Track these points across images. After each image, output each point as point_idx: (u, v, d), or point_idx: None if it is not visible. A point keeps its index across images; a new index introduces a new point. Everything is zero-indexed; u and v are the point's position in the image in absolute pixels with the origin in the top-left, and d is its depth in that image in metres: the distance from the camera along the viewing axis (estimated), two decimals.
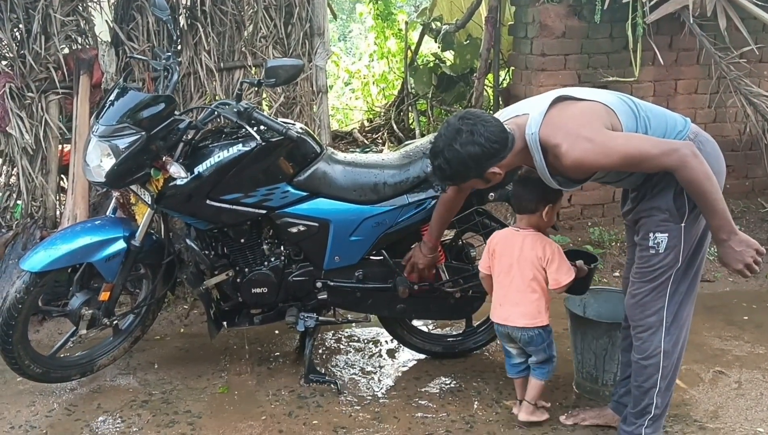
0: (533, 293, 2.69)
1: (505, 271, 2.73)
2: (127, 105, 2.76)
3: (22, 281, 2.82)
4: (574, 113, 2.31)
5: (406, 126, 6.72)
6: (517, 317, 2.70)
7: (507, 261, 2.72)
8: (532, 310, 2.69)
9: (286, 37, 4.26)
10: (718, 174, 2.32)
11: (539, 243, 2.69)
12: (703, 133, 2.41)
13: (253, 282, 3.04)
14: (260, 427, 2.83)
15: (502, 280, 2.74)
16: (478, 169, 2.35)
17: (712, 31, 4.41)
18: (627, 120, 2.32)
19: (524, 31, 4.62)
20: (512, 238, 2.73)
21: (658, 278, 2.41)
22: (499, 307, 2.75)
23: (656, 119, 2.36)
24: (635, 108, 2.37)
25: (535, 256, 2.67)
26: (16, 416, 2.91)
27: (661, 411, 2.51)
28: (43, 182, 3.92)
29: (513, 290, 2.71)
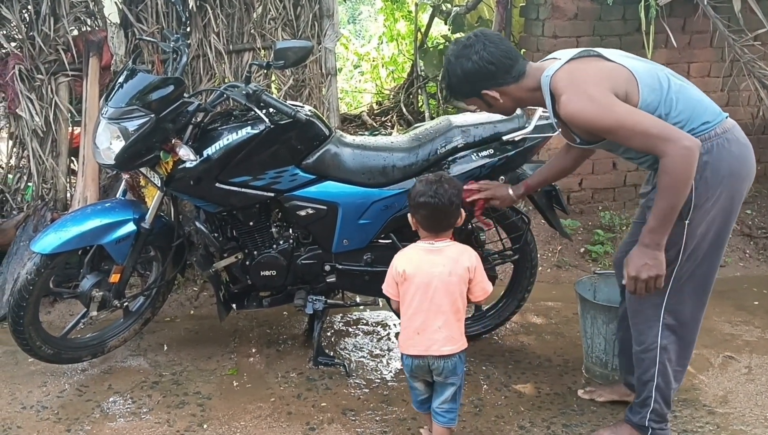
0: (458, 313, 2.36)
1: (422, 293, 2.33)
2: (136, 87, 2.75)
3: (33, 263, 2.84)
4: (591, 70, 2.27)
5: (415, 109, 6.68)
6: (442, 344, 2.33)
7: (423, 281, 2.33)
8: (456, 334, 2.36)
9: (296, 19, 4.23)
10: (738, 176, 2.27)
11: (465, 253, 2.38)
12: (736, 133, 2.31)
13: (262, 265, 3.05)
14: (269, 408, 2.85)
15: (419, 304, 2.33)
16: (473, 87, 2.36)
17: (726, 13, 4.35)
18: (648, 93, 2.25)
19: (536, 12, 4.57)
20: (429, 256, 2.36)
21: None
22: (416, 335, 2.35)
23: (685, 102, 2.27)
24: (665, 85, 2.28)
25: (463, 269, 2.34)
26: (27, 397, 2.94)
27: (661, 406, 2.47)
28: (53, 164, 3.93)
29: (435, 313, 2.33)
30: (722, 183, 2.27)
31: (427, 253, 2.37)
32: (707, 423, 2.74)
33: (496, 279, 3.28)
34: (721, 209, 2.30)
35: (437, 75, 6.40)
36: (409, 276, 2.35)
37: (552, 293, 3.98)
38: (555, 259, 4.32)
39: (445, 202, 2.34)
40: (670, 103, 2.27)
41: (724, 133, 2.28)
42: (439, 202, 2.33)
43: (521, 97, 2.40)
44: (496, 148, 3.00)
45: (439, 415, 2.42)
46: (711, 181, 2.25)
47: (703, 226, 2.29)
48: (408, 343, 2.39)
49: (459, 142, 2.98)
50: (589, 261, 4.34)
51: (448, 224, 2.39)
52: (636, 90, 2.24)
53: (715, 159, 2.26)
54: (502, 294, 3.43)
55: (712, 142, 2.26)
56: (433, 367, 2.36)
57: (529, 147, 3.04)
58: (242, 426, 2.73)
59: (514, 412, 2.82)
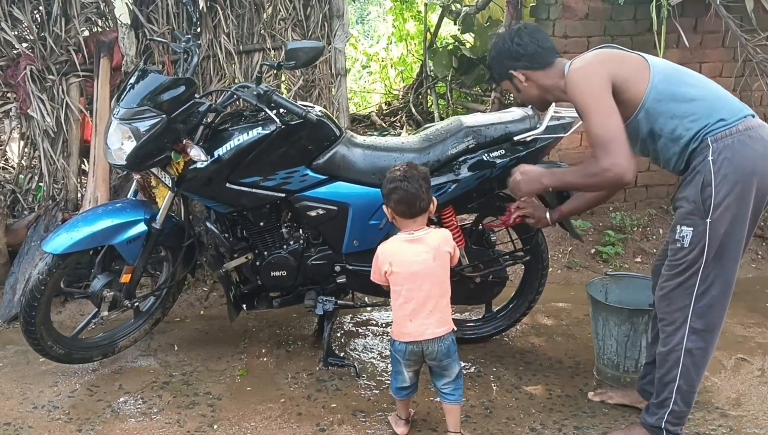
0: (446, 295, 2.48)
1: (410, 281, 2.44)
2: (147, 88, 2.76)
3: (44, 263, 2.84)
4: (604, 53, 2.40)
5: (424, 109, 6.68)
6: (435, 326, 2.44)
7: (410, 271, 2.44)
8: (447, 315, 2.48)
9: (305, 20, 4.24)
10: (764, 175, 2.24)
11: (441, 235, 2.50)
12: (761, 132, 2.27)
13: (272, 265, 3.04)
14: (279, 409, 2.85)
15: (408, 293, 2.44)
16: (502, 66, 2.53)
17: (738, 12, 4.32)
18: (660, 81, 2.31)
19: (546, 12, 4.55)
20: (411, 246, 2.46)
21: (684, 273, 2.34)
22: (410, 323, 2.45)
23: (702, 99, 2.30)
24: (684, 80, 2.34)
25: (444, 252, 2.47)
26: (39, 396, 2.95)
27: (681, 408, 2.44)
28: (64, 165, 3.95)
29: (425, 299, 2.44)
30: (744, 180, 2.24)
31: (409, 244, 2.48)
32: (720, 426, 2.72)
33: (507, 280, 3.27)
34: (746, 207, 2.27)
35: (446, 75, 6.40)
36: (395, 269, 2.46)
37: (562, 294, 3.96)
38: (565, 260, 4.30)
39: (414, 185, 2.46)
40: (685, 97, 2.30)
41: (746, 130, 2.26)
42: (409, 185, 2.45)
43: (546, 85, 2.50)
44: (507, 148, 2.98)
45: (447, 394, 2.52)
46: (731, 177, 2.24)
47: (727, 225, 2.26)
48: (401, 330, 2.49)
49: (470, 143, 2.97)
50: (599, 262, 4.32)
51: (422, 208, 2.48)
52: (646, 76, 2.32)
53: (735, 156, 2.24)
54: (513, 295, 3.41)
55: (732, 139, 2.25)
56: (427, 351, 2.46)
57: (540, 148, 3.02)
58: (252, 427, 2.73)
59: (525, 414, 2.81)
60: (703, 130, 2.28)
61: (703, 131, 2.28)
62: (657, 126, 2.35)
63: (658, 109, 2.33)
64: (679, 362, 2.40)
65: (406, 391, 2.60)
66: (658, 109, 2.33)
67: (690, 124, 2.30)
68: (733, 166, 2.23)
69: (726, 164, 2.23)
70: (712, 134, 2.26)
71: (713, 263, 2.30)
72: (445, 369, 2.51)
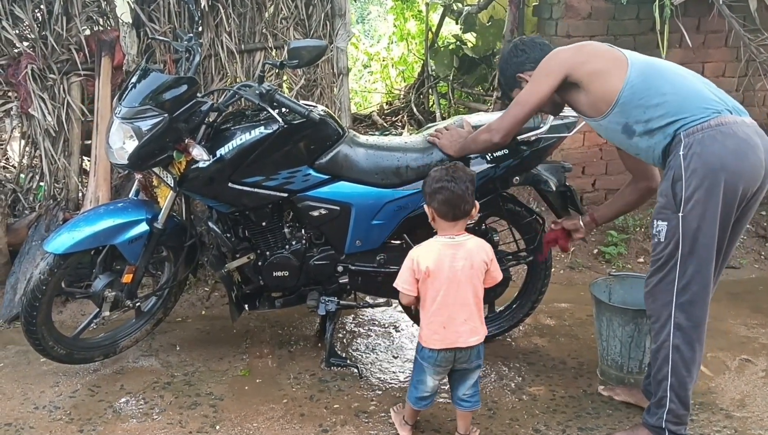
0: (479, 303, 2.44)
1: (446, 287, 2.38)
2: (149, 87, 2.74)
3: (45, 263, 2.83)
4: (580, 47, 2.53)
5: (426, 109, 6.66)
6: (468, 335, 2.41)
7: (446, 276, 2.38)
8: (479, 324, 2.44)
9: (307, 19, 4.22)
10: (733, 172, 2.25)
11: (482, 245, 2.45)
12: (736, 129, 2.29)
13: (275, 265, 3.03)
14: (282, 410, 2.84)
15: (444, 298, 2.39)
16: (509, 71, 2.69)
17: (741, 12, 4.31)
18: (636, 77, 2.36)
19: (549, 11, 4.54)
20: (450, 250, 2.40)
21: (663, 268, 2.38)
22: (443, 329, 2.40)
23: (675, 96, 2.33)
24: (664, 77, 2.38)
25: (481, 261, 2.41)
26: (40, 397, 2.94)
27: (677, 407, 2.43)
28: (65, 164, 3.93)
29: (460, 307, 2.39)
30: (713, 176, 2.26)
31: (449, 248, 2.40)
32: (725, 427, 2.71)
33: (510, 280, 3.26)
34: (714, 204, 2.28)
35: (448, 75, 6.39)
36: (433, 272, 2.38)
37: (565, 295, 3.94)
38: (568, 261, 4.29)
39: (461, 186, 2.39)
40: (659, 91, 2.34)
41: (718, 126, 2.29)
42: (456, 186, 2.39)
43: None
44: (511, 148, 2.96)
45: (465, 401, 2.51)
46: (699, 172, 2.26)
47: (698, 219, 2.29)
48: (434, 337, 2.42)
49: None
50: (602, 262, 4.30)
51: (465, 211, 2.41)
52: (623, 73, 2.38)
53: (704, 151, 2.26)
54: (516, 295, 3.40)
55: (703, 134, 2.28)
56: (459, 355, 2.44)
57: (543, 147, 3.01)
58: (255, 427, 2.72)
59: (528, 415, 2.79)
60: (675, 125, 2.33)
61: (675, 126, 2.33)
62: (631, 119, 2.40)
63: (632, 103, 2.38)
64: (668, 359, 2.41)
65: (426, 401, 2.55)
66: (632, 103, 2.38)
67: (662, 119, 2.34)
68: (702, 161, 2.26)
69: (695, 159, 2.26)
70: (684, 129, 2.31)
71: (689, 257, 2.32)
72: (473, 371, 2.49)
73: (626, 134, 2.44)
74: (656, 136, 2.37)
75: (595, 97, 2.44)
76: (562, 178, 3.12)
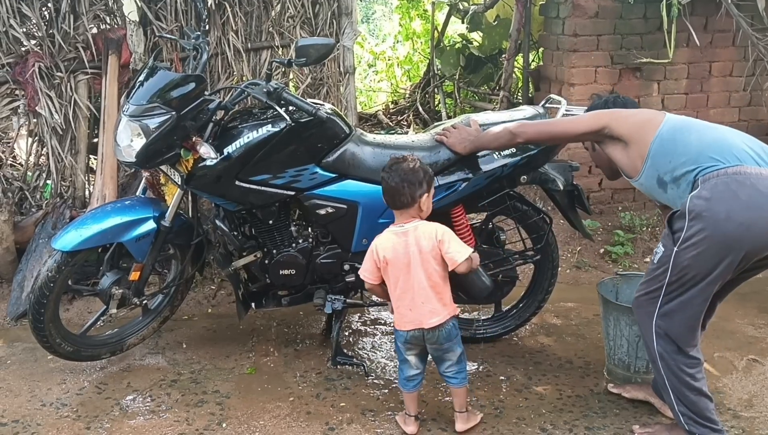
0: (436, 286, 2.54)
1: (405, 273, 2.53)
2: (157, 85, 2.75)
3: (53, 260, 2.84)
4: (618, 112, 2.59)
5: (431, 108, 6.65)
6: (428, 317, 2.53)
7: (403, 263, 2.53)
8: (438, 305, 2.54)
9: (314, 17, 4.21)
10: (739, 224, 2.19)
11: (428, 229, 2.55)
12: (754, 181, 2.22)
13: (281, 263, 3.03)
14: (288, 408, 2.84)
15: (404, 284, 2.54)
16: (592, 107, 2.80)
17: (749, 11, 4.30)
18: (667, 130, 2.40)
19: (556, 10, 4.53)
20: (400, 238, 2.54)
21: (651, 284, 2.40)
22: (409, 312, 2.54)
23: (697, 144, 2.34)
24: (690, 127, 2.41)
25: (430, 245, 2.52)
26: (47, 394, 2.94)
27: (686, 410, 2.41)
28: (72, 162, 3.94)
29: (417, 290, 2.52)
30: (715, 225, 2.22)
31: (399, 236, 2.56)
32: (732, 427, 2.70)
33: (517, 280, 3.25)
34: (711, 252, 2.24)
35: (454, 74, 6.38)
36: (390, 261, 2.55)
37: (572, 294, 3.93)
38: (574, 260, 4.28)
39: (395, 179, 2.53)
40: (684, 141, 2.36)
41: (735, 174, 2.24)
42: (390, 178, 2.55)
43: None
44: (519, 147, 2.96)
45: (451, 377, 2.62)
46: (702, 217, 2.24)
47: (688, 260, 2.27)
48: (403, 320, 2.58)
49: None
50: (608, 262, 4.29)
51: (401, 203, 2.55)
52: (655, 127, 2.42)
53: (713, 197, 2.24)
54: (523, 295, 3.40)
55: (717, 180, 2.25)
56: (427, 337, 2.55)
57: (551, 146, 3.00)
58: (261, 425, 2.72)
59: (535, 415, 2.79)
60: (695, 171, 2.31)
61: (695, 172, 2.31)
62: (661, 171, 2.40)
63: (660, 153, 2.38)
64: (659, 368, 2.44)
65: (414, 382, 2.65)
66: (660, 154, 2.39)
67: (684, 166, 2.33)
68: (708, 207, 2.23)
69: (702, 203, 2.24)
70: (703, 174, 2.29)
71: (677, 289, 2.33)
72: (446, 352, 2.59)
73: (662, 188, 2.42)
74: (681, 184, 2.35)
75: (632, 152, 2.45)
76: (569, 178, 3.11)
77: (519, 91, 5.56)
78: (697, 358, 2.42)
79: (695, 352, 2.42)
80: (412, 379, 2.64)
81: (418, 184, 2.55)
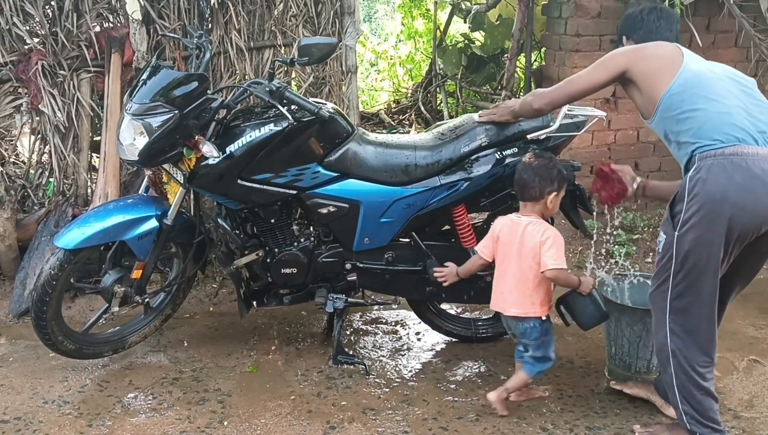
0: (528, 282, 2.63)
1: (506, 258, 2.68)
2: (160, 83, 2.75)
3: (56, 258, 2.85)
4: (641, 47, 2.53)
5: (433, 107, 6.66)
6: (509, 305, 2.66)
7: (508, 248, 2.67)
8: (524, 300, 2.63)
9: (317, 16, 4.22)
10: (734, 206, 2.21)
11: (539, 228, 2.63)
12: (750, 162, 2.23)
13: (283, 262, 3.04)
14: (289, 406, 2.84)
15: (503, 267, 2.69)
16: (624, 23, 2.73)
17: (752, 12, 4.30)
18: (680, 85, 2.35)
19: (558, 10, 4.53)
20: (514, 225, 2.67)
21: (659, 276, 2.41)
22: (500, 295, 2.71)
23: (704, 115, 2.30)
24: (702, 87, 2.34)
25: (534, 243, 2.61)
26: (49, 391, 2.95)
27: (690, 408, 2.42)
28: (75, 160, 3.95)
29: (510, 277, 2.66)
30: (712, 205, 2.24)
31: (514, 223, 2.69)
32: (733, 427, 2.70)
33: None
34: (712, 232, 2.26)
35: (456, 73, 6.39)
36: (500, 240, 2.70)
37: None
38: (575, 260, 4.28)
39: (528, 173, 2.64)
40: (692, 106, 2.32)
41: (732, 155, 2.25)
42: (524, 171, 2.65)
43: None
44: (520, 147, 2.97)
45: (525, 362, 2.73)
46: (700, 198, 2.26)
47: (691, 243, 2.29)
48: (494, 299, 2.75)
49: (483, 141, 2.95)
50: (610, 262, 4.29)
51: (529, 195, 2.66)
52: (670, 77, 2.36)
53: (709, 179, 2.25)
54: None
55: (713, 161, 2.26)
56: (508, 324, 2.75)
57: (553, 146, 3.01)
58: (262, 423, 2.73)
59: (536, 414, 2.79)
60: (693, 145, 2.32)
61: (694, 146, 2.32)
62: (667, 128, 2.42)
63: (668, 113, 2.38)
64: (669, 361, 2.42)
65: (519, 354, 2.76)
66: (667, 113, 2.38)
67: (686, 135, 2.35)
68: (705, 189, 2.25)
69: (699, 184, 2.26)
70: (699, 151, 2.30)
71: (684, 277, 2.34)
72: (525, 345, 2.71)
73: (666, 141, 2.49)
74: (682, 149, 2.39)
75: (645, 100, 2.45)
76: (571, 177, 3.10)
77: (521, 91, 5.56)
78: (711, 358, 2.43)
79: (710, 352, 2.42)
80: (519, 352, 2.77)
81: (550, 181, 2.63)
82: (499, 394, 2.72)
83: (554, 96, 2.66)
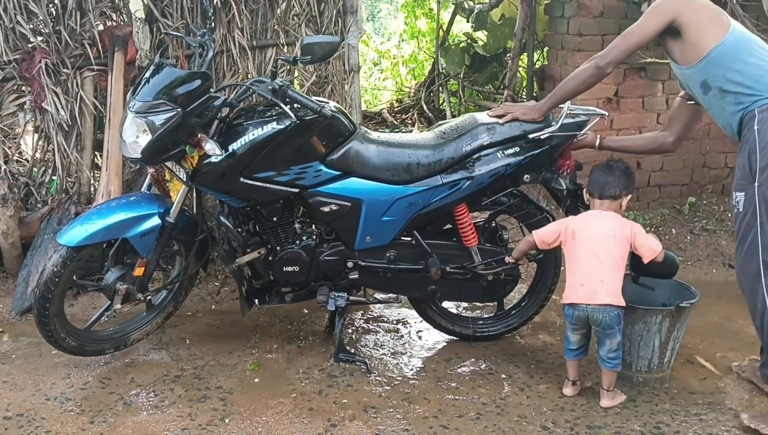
0: (619, 272, 2.76)
1: (588, 251, 2.76)
2: (163, 81, 2.76)
3: (59, 255, 2.85)
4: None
5: (436, 107, 6.66)
6: (603, 295, 2.71)
7: (589, 241, 2.77)
8: (616, 289, 2.74)
9: (319, 15, 4.23)
10: None
11: (626, 223, 2.81)
12: None
13: (285, 260, 3.04)
14: (291, 404, 2.85)
15: (585, 260, 2.76)
16: None
17: (754, 12, 4.29)
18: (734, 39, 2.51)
19: (561, 10, 4.53)
20: (596, 220, 2.80)
21: (746, 239, 2.50)
22: (581, 287, 2.75)
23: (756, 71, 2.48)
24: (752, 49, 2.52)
25: (623, 235, 2.75)
26: (51, 388, 2.96)
27: None
28: (77, 158, 3.96)
29: (599, 269, 2.73)
30: None
31: (595, 218, 2.82)
32: (733, 427, 2.70)
33: (520, 278, 3.26)
34: None
35: (459, 73, 6.39)
36: (578, 235, 2.78)
37: None
38: None
39: (607, 174, 2.82)
40: (745, 62, 2.51)
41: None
42: (605, 170, 2.83)
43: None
44: (522, 146, 2.97)
45: (606, 361, 2.78)
46: None
47: None
48: (572, 293, 2.78)
49: (485, 140, 2.96)
50: None
51: (609, 193, 2.80)
52: (721, 33, 2.52)
53: None
54: (526, 293, 3.41)
55: None
56: (593, 318, 2.74)
57: (555, 145, 3.01)
58: (264, 421, 2.73)
59: (536, 413, 2.80)
60: (750, 98, 2.47)
61: (751, 99, 2.47)
62: (710, 78, 2.56)
63: (718, 63, 2.52)
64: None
65: (574, 353, 2.86)
66: (717, 63, 2.52)
67: (738, 86, 2.49)
68: None
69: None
70: (759, 105, 2.46)
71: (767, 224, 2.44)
72: (608, 337, 2.75)
73: (702, 89, 2.62)
74: (727, 98, 2.53)
75: (688, 47, 2.57)
76: (572, 177, 3.12)
77: (523, 90, 5.56)
78: None
79: None
80: (572, 351, 2.86)
81: (630, 184, 2.84)
82: (609, 397, 2.82)
83: (614, 54, 2.72)
